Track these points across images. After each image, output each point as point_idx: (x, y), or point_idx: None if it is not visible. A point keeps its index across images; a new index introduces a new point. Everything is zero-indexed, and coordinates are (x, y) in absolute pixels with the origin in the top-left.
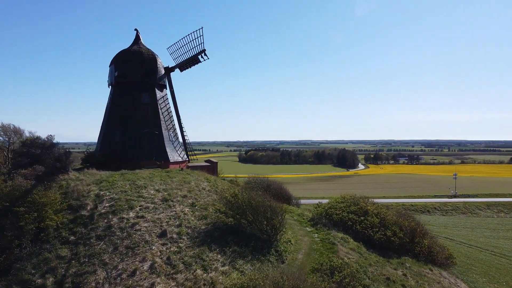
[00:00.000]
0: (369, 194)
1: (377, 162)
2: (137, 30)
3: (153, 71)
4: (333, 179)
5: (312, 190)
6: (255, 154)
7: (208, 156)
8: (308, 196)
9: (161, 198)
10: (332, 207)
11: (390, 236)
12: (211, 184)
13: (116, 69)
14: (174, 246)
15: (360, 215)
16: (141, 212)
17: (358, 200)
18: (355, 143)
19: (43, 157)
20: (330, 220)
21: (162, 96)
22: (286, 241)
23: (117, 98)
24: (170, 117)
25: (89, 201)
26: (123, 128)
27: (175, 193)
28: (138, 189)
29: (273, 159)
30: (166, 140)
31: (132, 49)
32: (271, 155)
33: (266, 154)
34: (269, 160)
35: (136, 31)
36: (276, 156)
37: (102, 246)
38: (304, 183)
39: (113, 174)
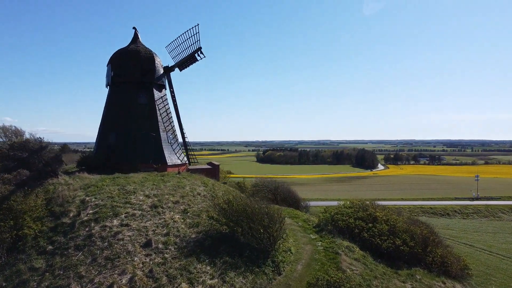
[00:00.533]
0: (387, 195)
1: (397, 162)
2: (135, 29)
3: (151, 70)
4: (351, 180)
5: (328, 191)
6: (273, 154)
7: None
8: (323, 198)
9: (150, 205)
10: (338, 212)
11: (400, 245)
12: (208, 189)
13: (112, 68)
14: (158, 257)
15: (368, 221)
16: (126, 219)
17: (367, 205)
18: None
19: (30, 160)
20: (336, 226)
21: (161, 96)
22: (285, 250)
23: (113, 99)
24: (169, 118)
25: (73, 208)
26: (119, 130)
27: (167, 198)
28: (127, 195)
29: (291, 159)
30: (164, 142)
31: (129, 48)
32: (289, 155)
33: (284, 154)
34: (287, 160)
35: (135, 30)
36: (294, 156)
37: (80, 257)
38: (320, 184)
39: (104, 178)
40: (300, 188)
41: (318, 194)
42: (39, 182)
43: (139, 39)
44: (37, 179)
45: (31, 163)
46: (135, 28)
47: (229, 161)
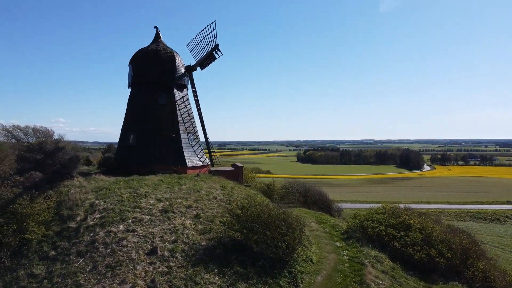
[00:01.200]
0: (431, 198)
1: (444, 163)
2: (157, 28)
3: (171, 70)
4: (393, 181)
5: (369, 193)
6: (314, 154)
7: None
8: (362, 200)
9: (160, 209)
10: (368, 219)
11: (435, 257)
12: (226, 192)
13: (133, 69)
14: (163, 265)
15: (401, 229)
16: (133, 225)
17: (400, 211)
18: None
19: (45, 162)
20: (365, 234)
21: (182, 96)
22: (305, 259)
23: (134, 100)
24: (190, 118)
25: (81, 211)
26: (138, 131)
27: (179, 202)
28: (137, 198)
29: (332, 159)
30: (184, 143)
31: (150, 48)
32: (330, 155)
33: (325, 154)
34: (328, 160)
35: (156, 29)
36: (336, 156)
37: (81, 264)
38: (361, 185)
39: (118, 181)
40: (339, 190)
41: (358, 196)
42: (52, 184)
43: (160, 38)
44: (50, 182)
45: (46, 164)
46: (157, 27)
47: (270, 161)
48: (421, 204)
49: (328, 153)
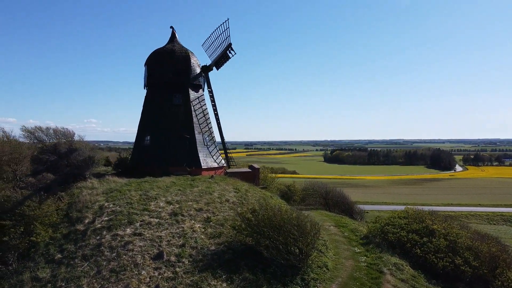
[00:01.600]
0: (462, 200)
1: (477, 163)
2: (173, 28)
3: (186, 70)
4: (422, 182)
5: (396, 195)
6: (341, 154)
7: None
8: (388, 202)
9: (169, 212)
10: (390, 223)
11: (460, 265)
12: (239, 195)
13: (148, 69)
14: (169, 271)
15: (424, 235)
16: (141, 228)
17: (423, 215)
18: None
19: (59, 163)
20: (386, 239)
21: (198, 97)
22: (320, 265)
23: (149, 100)
24: (206, 119)
25: (90, 214)
26: (153, 132)
27: (189, 205)
28: (147, 201)
29: (359, 159)
30: (198, 144)
31: (165, 48)
32: (357, 155)
33: (352, 154)
34: (356, 160)
35: (172, 29)
36: (363, 156)
37: (85, 268)
38: (388, 186)
39: (131, 182)
40: (365, 191)
41: (384, 197)
42: (65, 186)
43: (176, 38)
44: (63, 183)
45: (60, 166)
46: (173, 27)
47: (296, 161)
48: (451, 207)
49: (355, 153)
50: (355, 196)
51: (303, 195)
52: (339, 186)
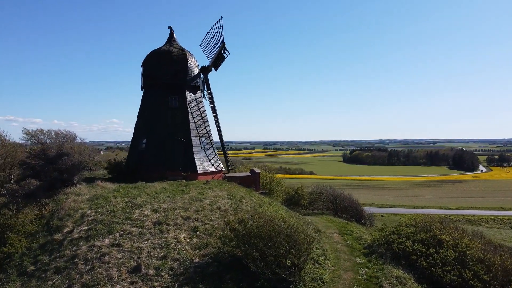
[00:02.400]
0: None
1: (502, 164)
2: (171, 28)
3: (183, 71)
4: (442, 184)
5: (413, 197)
6: (360, 154)
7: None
8: (406, 205)
9: (154, 221)
10: (395, 232)
11: (469, 279)
12: (233, 202)
13: (144, 70)
14: (145, 285)
15: (431, 245)
16: (120, 238)
17: (432, 224)
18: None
19: (46, 168)
20: (390, 249)
21: (195, 98)
22: (315, 278)
23: (145, 102)
24: (203, 122)
25: (70, 223)
26: (149, 135)
27: (177, 213)
28: (131, 209)
29: (379, 159)
30: (195, 148)
31: (162, 49)
32: (377, 156)
33: (372, 154)
34: (375, 160)
35: (170, 29)
36: (383, 156)
37: (57, 281)
38: (406, 188)
39: (119, 188)
40: (382, 193)
41: (402, 200)
42: (51, 192)
43: (174, 38)
44: (49, 189)
45: (47, 171)
46: (171, 27)
47: (314, 161)
48: (471, 210)
49: (375, 154)
50: (371, 198)
51: (311, 199)
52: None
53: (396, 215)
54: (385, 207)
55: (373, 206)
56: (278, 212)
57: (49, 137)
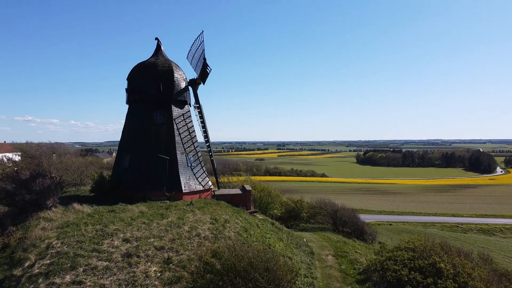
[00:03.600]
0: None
1: None
2: (158, 40)
3: (169, 85)
4: (456, 189)
5: (425, 203)
6: (374, 155)
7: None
8: (417, 212)
9: (123, 253)
10: (392, 257)
11: None
12: (215, 227)
13: (129, 84)
14: None
15: (429, 274)
16: (83, 274)
17: (432, 249)
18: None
19: (18, 192)
20: (384, 277)
21: (182, 113)
22: None
23: (130, 118)
24: (191, 138)
25: (33, 255)
26: (133, 153)
27: (150, 243)
28: (101, 239)
29: (393, 161)
30: (180, 166)
31: (147, 62)
32: (391, 157)
33: (386, 156)
34: (389, 162)
35: (157, 41)
36: (397, 157)
37: None
38: (417, 193)
39: (96, 212)
40: (393, 198)
41: (413, 206)
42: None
43: (161, 51)
44: (21, 214)
45: (19, 195)
46: (158, 39)
47: (327, 162)
48: (485, 218)
49: (389, 155)
50: (381, 204)
51: (311, 213)
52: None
53: (405, 223)
54: (394, 214)
55: (382, 213)
56: (265, 237)
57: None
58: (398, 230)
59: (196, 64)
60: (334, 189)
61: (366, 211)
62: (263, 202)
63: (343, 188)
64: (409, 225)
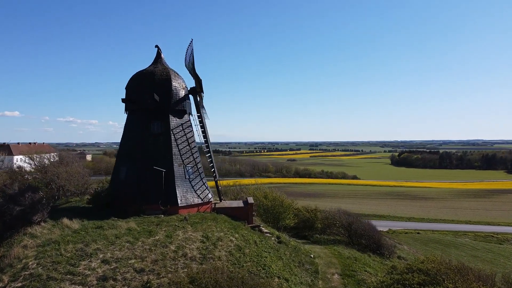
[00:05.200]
0: None
1: None
2: (158, 47)
3: (166, 94)
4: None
5: (459, 210)
6: (409, 157)
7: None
8: (448, 219)
9: (99, 276)
10: (401, 280)
11: None
12: (205, 246)
13: (126, 94)
14: None
15: None
16: None
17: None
18: None
19: (6, 206)
20: None
21: (181, 123)
22: None
23: (127, 128)
24: (190, 148)
25: (8, 276)
26: (129, 164)
27: (130, 264)
28: (78, 259)
29: (430, 162)
30: (177, 178)
31: (145, 71)
32: (427, 158)
33: (422, 157)
34: (425, 163)
35: (157, 48)
36: (434, 159)
37: None
38: (451, 198)
39: (82, 229)
40: (425, 204)
41: (445, 213)
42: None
43: (161, 58)
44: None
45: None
46: (158, 46)
47: (360, 163)
48: None
49: (425, 156)
50: (410, 211)
51: (325, 224)
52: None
53: (435, 232)
54: (424, 221)
55: (411, 220)
56: (261, 256)
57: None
58: (426, 239)
59: (190, 72)
60: (362, 193)
61: (393, 217)
62: (275, 212)
63: (372, 192)
64: (439, 233)
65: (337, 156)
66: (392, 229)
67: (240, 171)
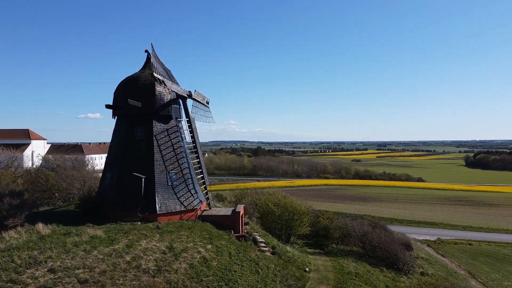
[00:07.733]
0: None
1: None
2: (148, 52)
3: (150, 99)
4: None
5: None
6: (486, 158)
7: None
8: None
9: (40, 285)
10: None
11: None
12: (165, 257)
13: (114, 100)
14: None
15: None
16: None
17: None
18: None
19: None
20: None
21: (166, 129)
22: None
23: (114, 134)
24: (176, 154)
25: None
26: (113, 170)
27: (75, 274)
28: (26, 267)
29: (510, 164)
30: (158, 185)
31: (131, 76)
32: (507, 159)
33: (500, 158)
34: (504, 165)
35: (147, 53)
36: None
37: None
38: None
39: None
40: (489, 211)
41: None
42: None
43: (150, 64)
44: None
45: None
46: (148, 51)
47: (430, 164)
48: None
49: (505, 157)
50: (470, 218)
51: (340, 234)
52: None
53: (491, 243)
54: (483, 231)
55: (467, 229)
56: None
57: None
58: (477, 252)
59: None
60: (418, 197)
61: (446, 225)
62: (284, 219)
63: (430, 196)
64: (496, 245)
65: (406, 157)
66: (442, 238)
67: (297, 171)
